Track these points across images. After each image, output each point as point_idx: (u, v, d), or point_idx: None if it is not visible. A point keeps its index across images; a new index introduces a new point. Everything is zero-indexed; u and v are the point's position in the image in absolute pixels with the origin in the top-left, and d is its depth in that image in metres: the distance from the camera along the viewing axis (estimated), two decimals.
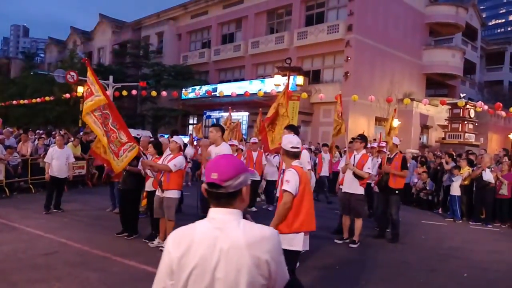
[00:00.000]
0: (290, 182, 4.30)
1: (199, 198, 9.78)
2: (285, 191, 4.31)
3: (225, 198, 1.86)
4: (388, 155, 9.33)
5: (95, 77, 7.17)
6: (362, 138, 8.62)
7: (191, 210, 10.04)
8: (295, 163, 4.49)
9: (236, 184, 1.87)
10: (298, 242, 4.40)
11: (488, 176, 11.35)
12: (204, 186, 1.91)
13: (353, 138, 9.46)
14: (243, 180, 1.91)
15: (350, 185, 8.20)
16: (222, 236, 1.78)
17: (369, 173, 8.38)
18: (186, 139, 17.15)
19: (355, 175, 8.09)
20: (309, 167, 6.11)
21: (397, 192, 8.90)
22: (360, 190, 8.19)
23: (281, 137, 7.79)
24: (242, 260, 1.74)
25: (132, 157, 6.97)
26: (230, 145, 10.59)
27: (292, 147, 4.51)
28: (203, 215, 8.89)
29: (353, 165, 8.09)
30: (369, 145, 10.45)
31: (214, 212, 1.87)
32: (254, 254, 1.76)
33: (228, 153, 6.92)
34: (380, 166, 9.49)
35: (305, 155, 6.19)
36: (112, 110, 6.90)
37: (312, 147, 18.09)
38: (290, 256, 4.21)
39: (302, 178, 4.38)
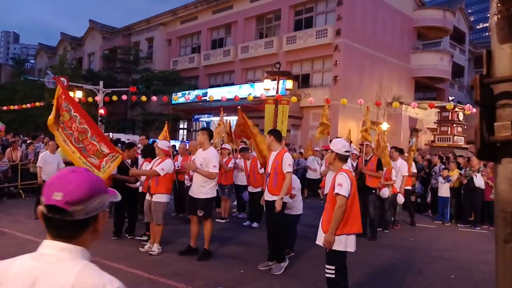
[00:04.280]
0: (343, 185, 4.44)
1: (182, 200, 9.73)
2: (339, 194, 4.43)
3: (70, 228, 1.37)
4: (365, 157, 9.56)
5: (67, 97, 7.26)
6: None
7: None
8: (345, 166, 4.67)
9: (90, 209, 1.39)
10: (351, 243, 4.55)
11: (479, 182, 11.39)
12: (40, 208, 1.39)
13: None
14: (99, 203, 1.43)
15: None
16: (45, 278, 1.33)
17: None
18: (177, 144, 17.13)
19: None
20: (290, 169, 6.14)
21: (373, 191, 9.30)
22: None
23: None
24: None
25: (115, 166, 7.08)
26: (222, 148, 10.64)
27: (345, 151, 4.70)
28: (187, 217, 8.66)
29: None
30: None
31: (47, 247, 1.40)
32: None
33: (215, 158, 6.97)
34: (356, 167, 9.70)
35: (288, 158, 6.22)
36: (90, 124, 7.01)
37: (302, 151, 18.18)
38: (342, 256, 4.59)
39: (353, 181, 4.54)
